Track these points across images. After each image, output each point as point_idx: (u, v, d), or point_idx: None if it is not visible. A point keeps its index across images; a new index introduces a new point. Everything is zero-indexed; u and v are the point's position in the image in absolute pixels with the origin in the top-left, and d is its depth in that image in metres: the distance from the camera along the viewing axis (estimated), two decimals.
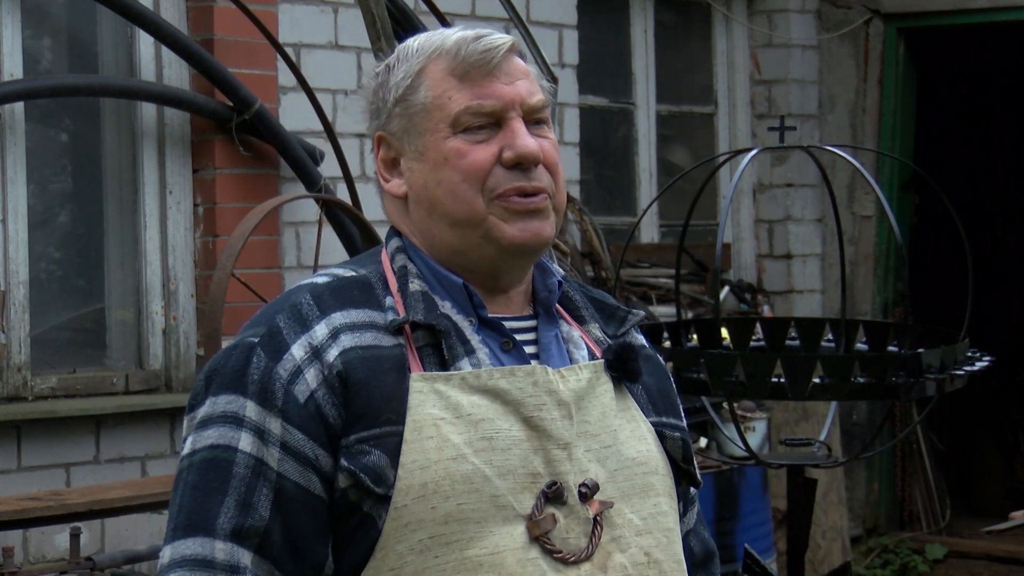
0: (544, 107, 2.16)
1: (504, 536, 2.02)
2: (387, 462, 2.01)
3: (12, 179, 5.49)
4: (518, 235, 2.11)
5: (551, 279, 2.21)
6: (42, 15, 5.74)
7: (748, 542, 4.95)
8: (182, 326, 5.85)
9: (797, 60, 8.38)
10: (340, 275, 2.14)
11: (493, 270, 2.15)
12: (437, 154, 2.12)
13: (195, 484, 2.03)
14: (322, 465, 2.02)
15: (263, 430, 2.03)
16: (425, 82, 2.14)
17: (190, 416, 2.09)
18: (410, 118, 2.14)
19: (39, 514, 4.55)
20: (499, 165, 2.11)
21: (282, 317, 2.08)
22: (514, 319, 2.17)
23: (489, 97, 2.12)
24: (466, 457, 2.02)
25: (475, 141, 2.12)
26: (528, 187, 2.12)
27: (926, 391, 4.04)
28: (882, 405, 7.88)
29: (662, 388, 2.27)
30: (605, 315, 2.26)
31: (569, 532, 2.05)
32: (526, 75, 2.16)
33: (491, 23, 6.61)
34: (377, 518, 2.01)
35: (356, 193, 5.94)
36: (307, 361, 2.04)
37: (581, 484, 2.07)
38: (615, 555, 2.08)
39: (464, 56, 2.12)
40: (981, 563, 8.59)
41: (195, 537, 2.01)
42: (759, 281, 8.41)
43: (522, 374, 2.08)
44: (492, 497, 2.02)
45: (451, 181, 2.11)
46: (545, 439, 2.07)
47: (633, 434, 2.16)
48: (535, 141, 2.13)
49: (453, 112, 2.12)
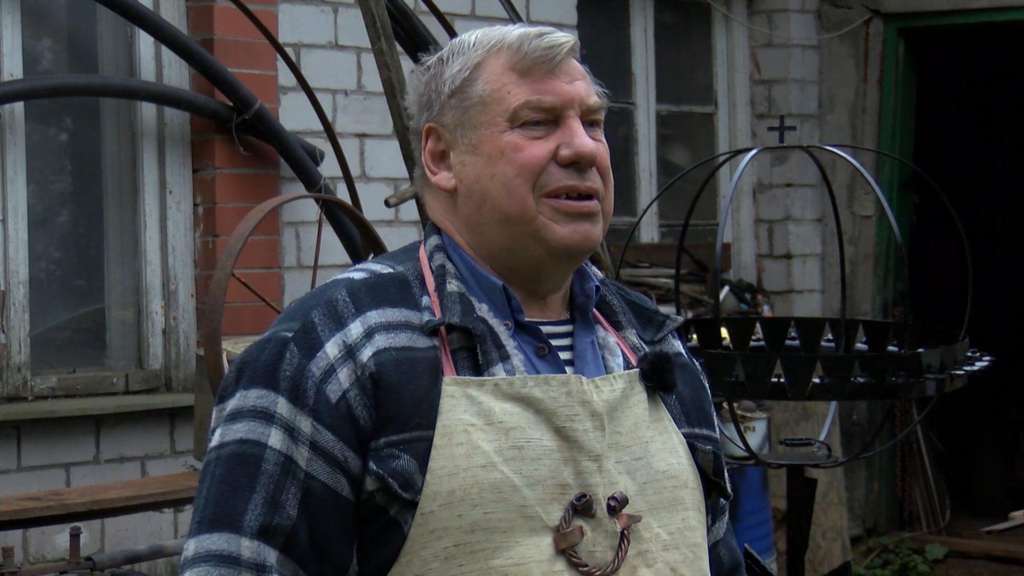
0: (601, 109, 2.15)
1: (530, 547, 2.00)
2: (416, 467, 1.99)
3: (12, 179, 5.49)
4: (568, 236, 2.09)
5: (589, 283, 2.19)
6: (42, 15, 5.74)
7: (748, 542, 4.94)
8: (182, 326, 5.85)
9: (797, 60, 8.38)
10: (377, 271, 2.12)
11: (537, 272, 2.13)
12: (492, 148, 2.10)
13: (223, 478, 2.01)
14: (351, 467, 2.00)
15: (294, 428, 2.01)
16: (484, 75, 2.12)
17: (219, 407, 2.06)
18: (465, 110, 2.12)
19: (39, 514, 4.55)
20: (554, 163, 2.09)
21: (317, 313, 2.05)
22: (551, 324, 2.15)
23: (549, 93, 2.10)
24: (495, 465, 2.00)
25: (532, 137, 2.10)
26: (581, 187, 2.10)
27: (926, 391, 4.03)
28: (882, 405, 7.88)
29: (696, 398, 2.24)
30: (643, 320, 2.24)
31: (596, 545, 2.03)
32: (584, 76, 2.15)
33: (491, 23, 6.61)
34: (403, 523, 2.00)
35: (356, 193, 5.94)
36: (340, 360, 2.02)
37: (610, 497, 2.05)
38: (641, 570, 2.06)
39: (527, 52, 2.11)
40: (981, 563, 8.59)
41: (221, 532, 1.99)
42: (759, 281, 8.40)
43: (556, 383, 2.06)
44: (520, 507, 2.00)
45: (505, 175, 2.09)
46: (576, 450, 2.05)
47: (664, 446, 2.14)
48: (592, 141, 2.12)
49: (512, 106, 2.10)
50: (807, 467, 4.35)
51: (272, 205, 5.30)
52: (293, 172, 5.93)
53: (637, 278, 7.59)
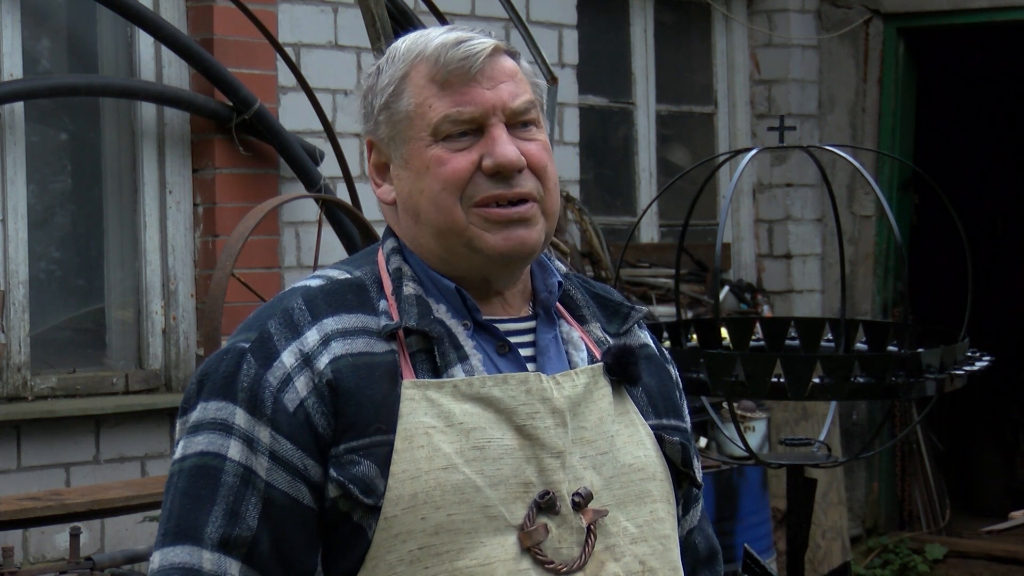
0: (530, 108, 2.11)
1: (495, 547, 2.00)
2: (377, 472, 1.99)
3: (12, 179, 5.49)
4: (501, 244, 2.08)
5: (552, 279, 2.18)
6: (42, 15, 5.74)
7: (748, 542, 4.95)
8: (182, 326, 5.85)
9: (797, 60, 8.38)
10: (334, 278, 2.11)
11: (483, 276, 2.12)
12: (419, 163, 2.09)
13: (184, 491, 2.02)
14: (311, 475, 2.01)
15: (252, 439, 2.01)
16: (408, 89, 2.11)
17: (182, 420, 2.07)
18: (394, 125, 2.12)
19: (39, 514, 4.55)
20: (480, 172, 2.07)
21: (273, 323, 2.05)
22: (511, 321, 2.14)
23: (468, 104, 2.07)
24: (457, 467, 2.00)
25: (456, 149, 2.08)
26: (509, 194, 2.08)
27: (926, 391, 4.03)
28: (882, 405, 7.88)
29: (663, 389, 2.23)
30: (607, 312, 2.23)
31: (562, 542, 2.03)
32: (512, 76, 2.11)
33: (491, 23, 6.61)
34: (367, 528, 2.00)
35: (356, 193, 5.94)
36: (297, 369, 2.02)
37: (574, 493, 2.05)
38: (609, 564, 2.06)
39: (444, 63, 2.08)
40: (981, 563, 8.59)
41: (183, 545, 2.00)
42: (759, 281, 8.41)
43: (515, 382, 2.06)
44: (483, 507, 2.00)
45: (432, 190, 2.08)
46: (538, 448, 2.04)
47: (631, 439, 2.14)
48: (515, 148, 2.08)
49: (433, 121, 2.08)
50: (807, 467, 4.34)
51: (272, 205, 5.31)
52: (293, 172, 5.93)
53: (637, 278, 7.59)
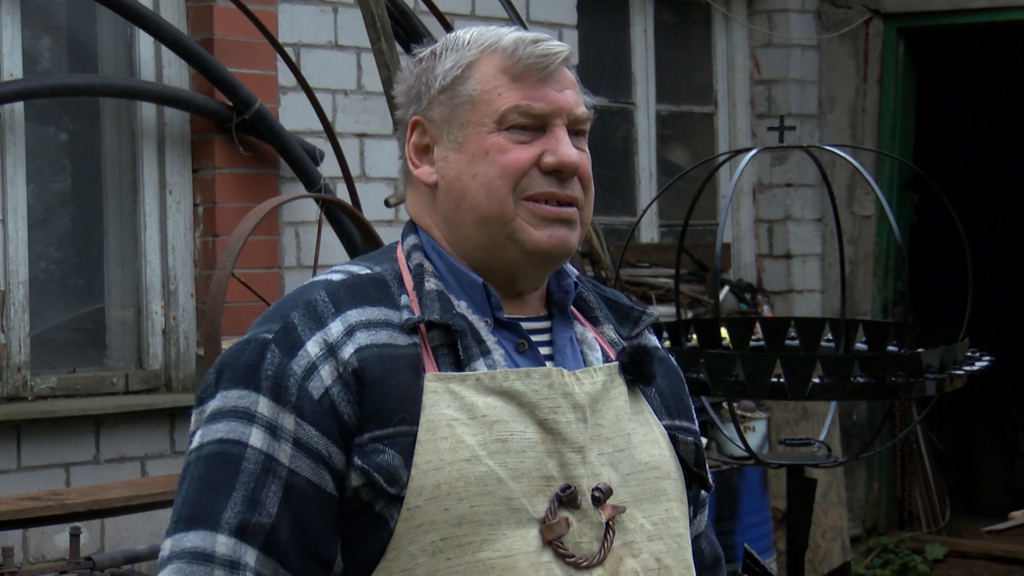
0: (588, 120, 2.17)
1: (517, 539, 2.01)
2: (401, 462, 2.00)
3: (12, 179, 5.49)
4: (545, 240, 2.11)
5: (566, 280, 2.20)
6: (42, 15, 5.74)
7: (748, 542, 4.95)
8: (182, 326, 5.85)
9: (797, 60, 8.38)
10: (355, 272, 2.13)
11: (513, 273, 2.14)
12: (477, 147, 2.12)
13: (201, 477, 2.01)
14: (335, 463, 2.01)
15: (275, 426, 2.01)
16: (476, 75, 2.13)
17: (199, 410, 2.07)
18: (454, 108, 2.14)
19: (39, 514, 4.55)
20: (536, 168, 2.11)
21: (297, 314, 2.06)
22: (529, 320, 2.16)
23: (540, 100, 2.12)
24: (480, 459, 2.01)
25: (518, 141, 2.11)
26: (561, 195, 2.12)
27: (926, 391, 4.03)
28: (882, 405, 7.88)
29: (675, 391, 2.27)
30: (619, 316, 2.26)
31: (582, 536, 2.05)
32: (574, 86, 2.17)
33: (491, 23, 6.60)
34: (389, 518, 2.00)
35: (356, 193, 5.94)
36: (322, 358, 2.03)
37: (594, 488, 2.07)
38: (627, 560, 2.08)
39: (521, 56, 2.13)
40: (981, 563, 8.59)
41: (197, 530, 1.99)
42: (759, 281, 8.41)
43: (538, 376, 2.08)
44: (505, 500, 2.01)
45: (487, 175, 2.11)
46: (560, 442, 2.06)
47: (646, 438, 2.16)
48: (576, 152, 2.13)
49: (501, 109, 2.11)
50: (807, 467, 4.35)
51: (272, 205, 5.30)
52: (293, 172, 5.93)
53: (637, 278, 7.59)
